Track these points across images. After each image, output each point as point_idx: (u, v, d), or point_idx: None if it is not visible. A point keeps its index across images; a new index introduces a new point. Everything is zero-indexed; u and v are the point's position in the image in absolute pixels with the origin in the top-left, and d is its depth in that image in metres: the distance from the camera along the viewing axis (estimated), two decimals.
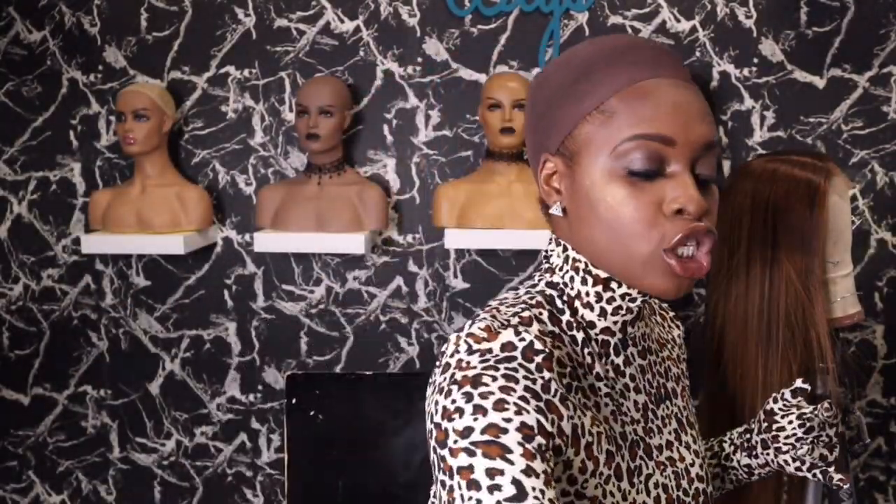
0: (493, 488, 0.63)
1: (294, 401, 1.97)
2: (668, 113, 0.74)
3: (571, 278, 0.81)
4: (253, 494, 2.27)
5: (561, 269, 0.82)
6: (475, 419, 0.66)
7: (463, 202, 2.00)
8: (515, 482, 0.63)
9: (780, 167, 1.26)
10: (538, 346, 0.71)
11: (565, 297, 0.81)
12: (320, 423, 1.97)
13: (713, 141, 0.76)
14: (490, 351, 0.70)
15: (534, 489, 0.63)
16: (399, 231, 2.18)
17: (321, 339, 2.22)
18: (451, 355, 0.71)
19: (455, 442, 0.66)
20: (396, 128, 2.15)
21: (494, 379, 0.68)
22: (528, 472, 0.64)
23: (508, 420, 0.65)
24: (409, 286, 2.19)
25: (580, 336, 0.80)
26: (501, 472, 0.63)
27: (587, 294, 0.80)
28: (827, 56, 2.09)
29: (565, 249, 0.82)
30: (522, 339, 0.71)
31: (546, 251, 0.86)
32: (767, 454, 1.01)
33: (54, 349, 2.28)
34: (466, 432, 0.66)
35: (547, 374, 0.70)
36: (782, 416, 1.00)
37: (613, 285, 0.80)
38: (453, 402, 0.67)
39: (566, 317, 0.80)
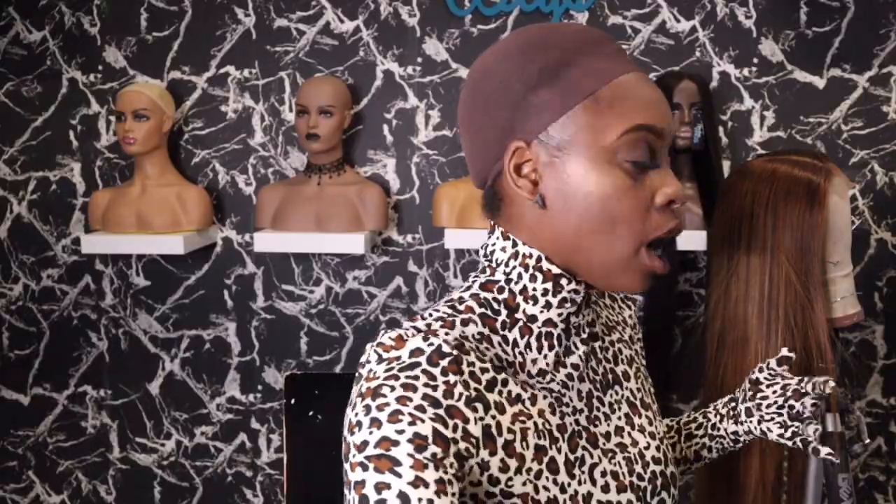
0: (379, 503, 0.65)
1: (294, 401, 1.97)
2: (655, 105, 0.75)
3: (519, 275, 0.79)
4: (253, 494, 2.27)
5: (507, 265, 0.80)
6: (370, 432, 0.68)
7: (463, 202, 1.99)
8: (401, 495, 0.65)
9: (779, 167, 1.26)
10: (445, 349, 0.72)
11: (506, 295, 0.80)
12: (320, 423, 1.97)
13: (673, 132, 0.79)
14: (398, 359, 0.71)
15: (420, 500, 0.65)
16: (399, 231, 2.18)
17: (321, 339, 2.22)
18: (363, 366, 0.73)
19: (353, 456, 0.68)
20: (396, 128, 2.15)
21: (393, 389, 0.69)
22: (417, 483, 0.66)
23: (401, 432, 0.67)
24: (408, 286, 2.19)
25: (513, 334, 0.79)
26: (388, 486, 0.65)
27: (534, 289, 0.79)
28: (827, 56, 2.09)
29: (515, 245, 0.80)
30: (431, 344, 0.72)
31: (487, 247, 0.83)
32: (751, 422, 1.02)
33: (54, 349, 2.28)
34: (363, 446, 0.68)
35: (452, 378, 0.71)
36: (767, 386, 1.01)
37: (563, 282, 0.79)
38: (356, 415, 0.70)
39: (502, 317, 0.79)
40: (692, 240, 1.93)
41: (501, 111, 0.76)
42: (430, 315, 0.78)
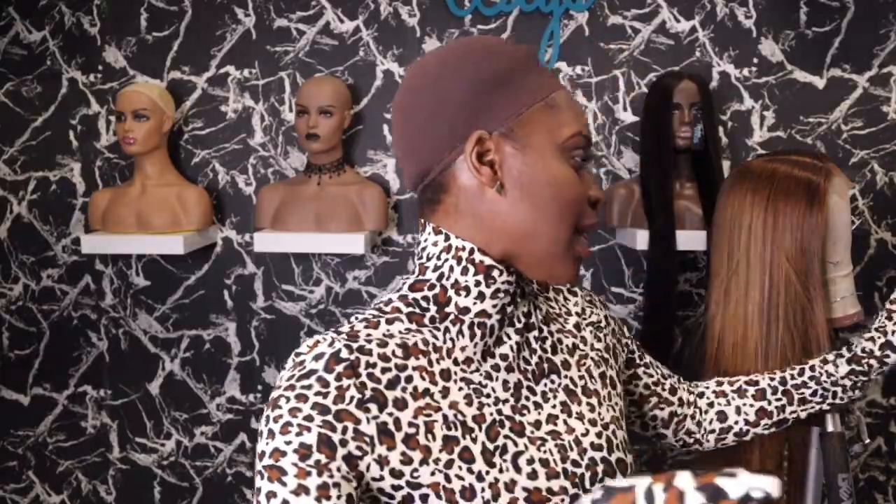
0: None
1: None
2: (583, 117, 0.86)
3: (451, 268, 0.84)
4: (253, 494, 2.27)
5: (439, 259, 0.84)
6: (266, 444, 0.76)
7: None
8: (284, 503, 0.73)
9: (779, 167, 1.26)
10: (343, 355, 0.78)
11: (436, 291, 0.84)
12: None
13: None
14: (301, 364, 0.79)
15: None
16: (399, 231, 2.18)
17: None
18: (282, 374, 0.81)
19: (256, 464, 0.77)
20: None
21: (288, 400, 0.77)
22: (299, 490, 0.73)
23: (289, 443, 0.75)
24: None
25: (439, 331, 0.84)
26: (275, 495, 0.74)
27: (466, 281, 0.83)
28: (827, 56, 2.09)
29: (447, 238, 0.84)
30: (333, 347, 0.79)
31: (419, 246, 0.88)
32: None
33: (54, 349, 2.28)
34: (261, 456, 0.76)
35: (345, 383, 0.77)
36: None
37: (495, 273, 0.83)
38: (261, 424, 0.78)
39: (430, 313, 0.85)
40: (692, 240, 1.93)
41: (453, 105, 0.82)
42: (357, 318, 0.85)
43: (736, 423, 1.13)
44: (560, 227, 0.82)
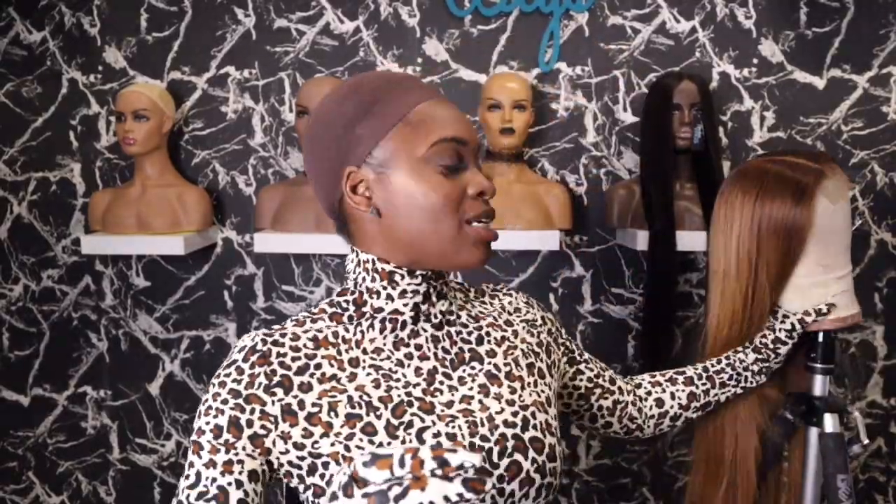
0: (186, 476, 0.90)
1: None
2: (454, 121, 0.94)
3: (363, 277, 0.97)
4: None
5: (354, 272, 0.98)
6: (195, 421, 0.92)
7: None
8: (197, 473, 0.89)
9: (772, 167, 1.26)
10: (259, 347, 0.93)
11: (355, 295, 0.98)
12: None
13: (479, 142, 0.98)
14: (230, 355, 0.95)
15: (207, 478, 0.88)
16: None
17: None
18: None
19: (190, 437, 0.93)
20: None
21: (213, 386, 0.92)
22: (209, 464, 0.89)
23: (207, 423, 0.90)
24: None
25: (352, 325, 0.98)
26: (192, 465, 0.89)
27: (374, 287, 0.97)
28: (827, 56, 2.09)
29: (357, 255, 0.98)
30: (253, 341, 0.94)
31: (346, 261, 1.01)
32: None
33: (54, 350, 2.28)
34: (192, 432, 0.92)
35: (257, 370, 0.92)
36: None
37: (397, 277, 0.96)
38: (201, 404, 0.93)
39: (349, 312, 0.98)
40: (692, 240, 1.93)
41: (332, 146, 0.95)
42: (291, 319, 1.00)
43: (671, 407, 1.26)
44: (440, 227, 0.92)
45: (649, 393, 1.27)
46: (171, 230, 2.05)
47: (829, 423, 1.23)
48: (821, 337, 1.25)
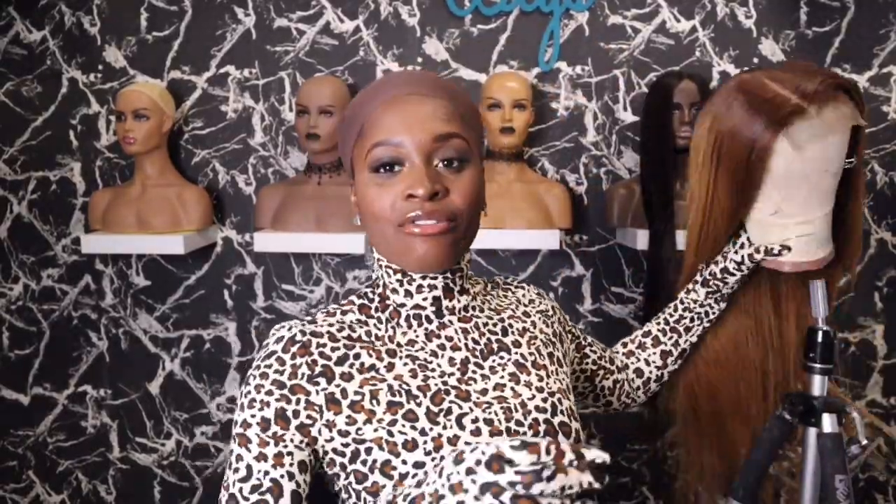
0: (235, 470, 0.91)
1: None
2: (397, 122, 0.94)
3: (380, 274, 1.03)
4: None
5: (377, 268, 1.03)
6: (239, 414, 0.93)
7: None
8: (247, 466, 0.90)
9: (741, 98, 1.15)
10: (298, 337, 0.96)
11: (380, 290, 1.03)
12: None
13: (444, 133, 0.93)
14: (267, 346, 0.96)
15: (259, 471, 0.90)
16: None
17: None
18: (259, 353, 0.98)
19: (233, 429, 0.94)
20: None
21: (255, 378, 0.94)
22: (260, 457, 0.90)
23: (253, 416, 0.92)
24: None
25: (385, 316, 1.02)
26: (241, 458, 0.91)
27: (391, 283, 1.02)
28: (827, 56, 2.09)
29: (373, 251, 1.02)
30: (290, 332, 0.96)
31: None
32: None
33: (54, 349, 2.28)
34: (235, 424, 0.94)
35: (299, 361, 0.94)
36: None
37: (412, 273, 0.99)
38: (239, 395, 0.95)
39: (374, 304, 1.03)
40: None
41: (348, 160, 1.02)
42: (321, 310, 1.04)
43: (651, 372, 1.33)
44: (383, 231, 0.95)
45: (626, 366, 1.33)
46: (171, 229, 2.05)
47: (828, 423, 1.23)
48: (820, 337, 1.25)
